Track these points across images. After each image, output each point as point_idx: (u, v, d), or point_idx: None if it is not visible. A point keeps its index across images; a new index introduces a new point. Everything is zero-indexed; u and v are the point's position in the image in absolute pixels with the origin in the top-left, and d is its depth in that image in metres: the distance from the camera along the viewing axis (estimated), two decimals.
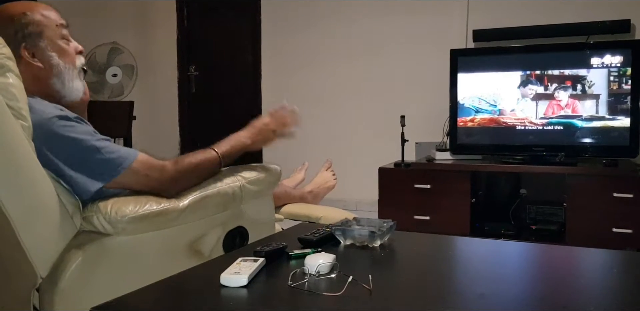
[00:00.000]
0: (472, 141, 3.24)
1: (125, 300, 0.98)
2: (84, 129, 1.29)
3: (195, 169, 1.41)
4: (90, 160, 1.26)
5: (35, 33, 1.35)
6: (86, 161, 1.26)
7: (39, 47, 1.35)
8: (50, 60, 1.36)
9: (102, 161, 1.27)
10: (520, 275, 1.19)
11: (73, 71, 1.40)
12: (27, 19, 1.35)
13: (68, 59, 1.40)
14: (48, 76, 1.37)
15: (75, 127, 1.27)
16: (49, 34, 1.37)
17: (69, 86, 1.40)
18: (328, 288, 1.01)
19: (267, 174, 1.62)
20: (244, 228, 1.55)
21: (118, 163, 1.28)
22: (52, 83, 1.38)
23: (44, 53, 1.36)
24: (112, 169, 1.28)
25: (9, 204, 1.12)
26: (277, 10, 4.24)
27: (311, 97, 4.12)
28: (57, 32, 1.39)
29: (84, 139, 1.26)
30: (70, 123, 1.27)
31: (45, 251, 1.20)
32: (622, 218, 2.78)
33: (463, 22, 3.59)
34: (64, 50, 1.39)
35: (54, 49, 1.37)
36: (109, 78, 4.40)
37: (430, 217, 3.16)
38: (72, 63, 1.40)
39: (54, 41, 1.37)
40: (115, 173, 1.28)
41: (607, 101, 2.95)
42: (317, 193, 2.43)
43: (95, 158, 1.27)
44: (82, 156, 1.26)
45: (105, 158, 1.27)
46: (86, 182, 1.26)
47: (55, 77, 1.37)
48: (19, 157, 1.15)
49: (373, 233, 1.30)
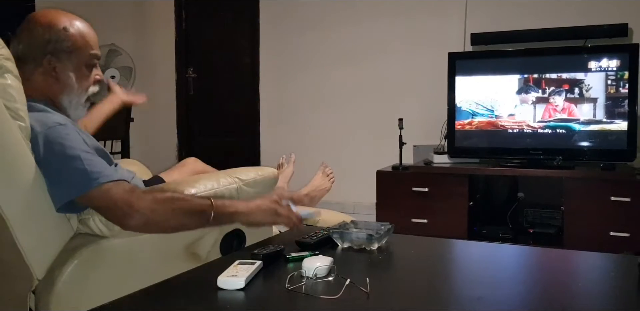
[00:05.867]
0: (470, 144, 3.24)
1: (121, 303, 0.98)
2: (79, 140, 1.24)
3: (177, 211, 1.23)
4: (68, 168, 1.19)
5: (66, 51, 1.34)
6: (64, 168, 1.19)
7: (63, 64, 1.35)
8: (67, 80, 1.36)
9: (79, 171, 1.18)
10: (517, 278, 1.19)
11: (82, 96, 1.40)
12: (65, 35, 1.34)
13: (84, 85, 1.39)
14: (59, 92, 1.36)
15: (70, 136, 1.23)
16: (79, 57, 1.36)
17: (75, 108, 1.40)
18: (325, 291, 1.01)
19: (264, 176, 1.62)
20: (241, 230, 1.54)
21: (95, 177, 1.18)
22: (61, 99, 1.37)
23: (64, 71, 1.35)
24: (87, 181, 1.18)
25: (5, 206, 1.12)
26: (275, 13, 4.24)
27: (309, 100, 4.13)
28: (86, 59, 1.38)
29: (71, 147, 1.21)
30: (69, 132, 1.24)
31: (42, 253, 1.19)
32: (620, 221, 2.78)
33: (461, 25, 3.59)
34: (84, 77, 1.39)
35: (75, 72, 1.37)
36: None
37: (428, 220, 3.16)
38: (86, 89, 1.40)
39: (79, 66, 1.37)
40: (88, 185, 1.18)
41: (604, 104, 2.96)
42: (313, 196, 2.43)
43: (73, 166, 1.19)
44: (62, 163, 1.19)
45: (83, 169, 1.19)
46: (58, 191, 1.20)
47: (66, 95, 1.37)
48: (16, 158, 1.14)
49: (371, 235, 1.30)
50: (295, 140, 4.14)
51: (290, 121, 4.21)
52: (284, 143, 4.18)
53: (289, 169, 2.49)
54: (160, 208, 1.21)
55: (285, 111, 4.24)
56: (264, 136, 4.35)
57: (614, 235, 2.79)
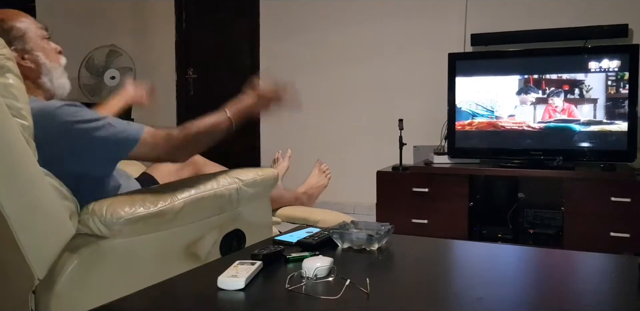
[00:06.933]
0: (470, 145, 3.24)
1: (121, 303, 0.97)
2: (91, 112, 1.36)
3: (205, 133, 1.49)
4: (106, 138, 1.32)
5: (19, 36, 1.42)
6: (104, 140, 1.32)
7: (26, 49, 1.43)
8: (38, 60, 1.44)
9: (116, 139, 1.33)
10: (517, 279, 1.18)
11: (58, 68, 1.49)
12: (7, 25, 1.42)
13: (52, 58, 1.48)
14: (37, 75, 1.44)
15: (85, 111, 1.34)
16: (31, 35, 1.45)
17: (57, 83, 1.48)
18: (325, 291, 1.00)
19: (264, 176, 1.62)
20: (240, 230, 1.54)
21: (131, 138, 1.34)
22: (42, 82, 1.46)
23: (31, 54, 1.44)
24: (127, 144, 1.34)
25: (7, 205, 1.12)
26: (275, 14, 4.24)
27: (309, 101, 4.12)
28: (38, 34, 1.46)
29: (90, 118, 1.32)
30: (79, 109, 1.33)
31: (43, 252, 1.19)
32: (620, 222, 2.78)
33: (461, 26, 3.59)
34: (47, 50, 1.47)
35: (39, 50, 1.45)
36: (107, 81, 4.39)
37: (428, 221, 3.16)
38: (57, 62, 1.50)
39: (37, 42, 1.45)
40: (129, 147, 1.34)
41: (604, 105, 2.96)
42: (311, 194, 2.43)
43: (111, 136, 1.32)
44: (98, 136, 1.31)
45: (120, 136, 1.33)
46: (106, 159, 1.35)
47: (44, 75, 1.46)
48: (17, 158, 1.14)
49: (371, 236, 1.30)
50: (295, 140, 4.14)
51: (291, 121, 4.21)
52: (284, 143, 4.17)
53: (284, 163, 2.48)
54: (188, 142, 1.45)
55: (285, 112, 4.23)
56: (264, 136, 4.34)
57: (614, 236, 2.79)
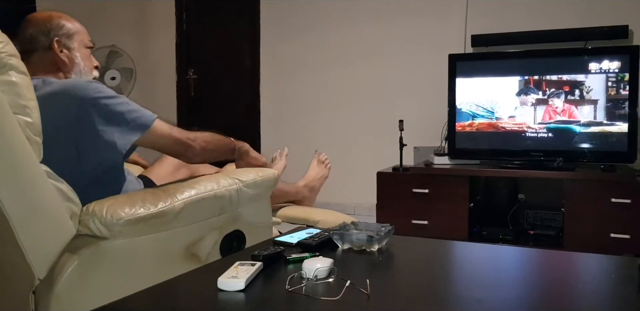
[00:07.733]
0: (471, 146, 3.24)
1: (121, 304, 0.97)
2: (111, 90, 1.41)
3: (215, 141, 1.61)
4: (124, 113, 1.37)
5: (68, 34, 1.54)
6: (121, 114, 1.36)
7: (68, 45, 1.53)
8: (75, 59, 1.54)
9: (132, 117, 1.38)
10: (518, 280, 1.18)
11: (89, 75, 1.58)
12: (62, 23, 1.54)
13: (88, 64, 1.58)
14: (68, 70, 1.55)
15: (107, 88, 1.39)
16: (78, 38, 1.55)
17: None
18: (326, 292, 1.00)
19: (264, 177, 1.62)
20: (241, 231, 1.54)
21: (147, 115, 1.40)
22: (70, 78, 1.53)
23: (71, 51, 1.54)
24: (142, 121, 1.39)
25: (8, 204, 1.12)
26: (276, 15, 4.24)
27: (310, 102, 4.12)
28: (84, 41, 1.57)
29: (117, 96, 1.38)
30: (103, 86, 1.39)
31: (44, 252, 1.19)
32: (620, 223, 2.78)
33: (461, 27, 3.59)
34: (86, 57, 1.57)
35: (80, 52, 1.55)
36: (108, 81, 4.39)
37: (428, 221, 3.15)
38: (91, 69, 1.59)
39: (80, 47, 1.56)
40: (144, 127, 1.38)
41: (605, 106, 2.96)
42: (312, 186, 2.43)
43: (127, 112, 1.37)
44: (118, 110, 1.36)
45: (135, 115, 1.38)
46: (125, 134, 1.37)
47: (75, 73, 1.54)
48: (18, 157, 1.14)
49: (371, 237, 1.30)
50: (295, 141, 4.14)
51: (291, 122, 4.21)
52: (284, 144, 4.16)
53: (281, 162, 2.47)
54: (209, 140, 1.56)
55: (285, 112, 4.24)
56: (264, 136, 4.34)
57: (614, 237, 2.78)
